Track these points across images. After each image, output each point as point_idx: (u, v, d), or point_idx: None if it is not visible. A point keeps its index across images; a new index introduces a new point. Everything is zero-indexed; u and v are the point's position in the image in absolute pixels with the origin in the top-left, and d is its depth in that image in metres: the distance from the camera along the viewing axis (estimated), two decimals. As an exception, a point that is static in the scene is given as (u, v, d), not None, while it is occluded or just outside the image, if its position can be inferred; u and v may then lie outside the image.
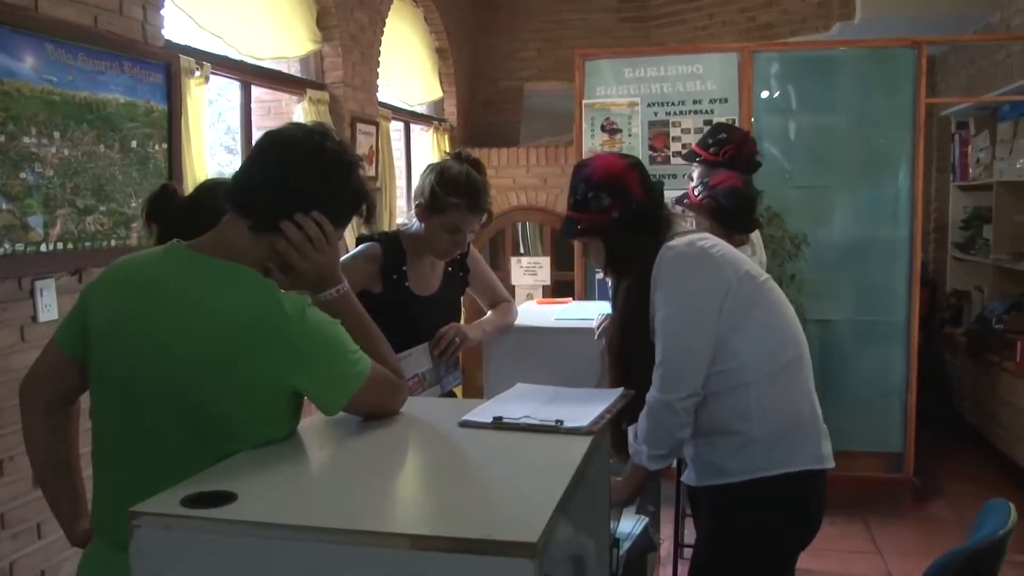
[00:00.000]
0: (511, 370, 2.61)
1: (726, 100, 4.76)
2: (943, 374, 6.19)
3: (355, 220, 1.59)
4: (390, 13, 5.40)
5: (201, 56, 3.54)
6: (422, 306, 2.49)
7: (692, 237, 2.01)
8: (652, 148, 4.86)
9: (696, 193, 2.86)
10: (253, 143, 4.16)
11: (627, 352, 2.06)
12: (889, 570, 3.77)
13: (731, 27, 6.52)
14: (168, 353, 1.40)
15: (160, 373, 1.40)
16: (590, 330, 2.70)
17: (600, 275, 2.20)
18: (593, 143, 4.87)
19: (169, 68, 3.13)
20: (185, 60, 3.36)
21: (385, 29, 5.33)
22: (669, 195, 2.10)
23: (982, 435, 5.38)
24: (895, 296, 4.70)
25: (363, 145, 4.96)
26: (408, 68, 6.04)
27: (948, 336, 6.20)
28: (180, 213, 1.86)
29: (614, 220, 2.03)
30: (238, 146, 3.98)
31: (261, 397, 1.42)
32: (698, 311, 1.93)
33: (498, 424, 1.55)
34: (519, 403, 1.69)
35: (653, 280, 1.97)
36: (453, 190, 2.36)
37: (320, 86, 4.61)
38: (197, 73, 3.46)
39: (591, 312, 2.98)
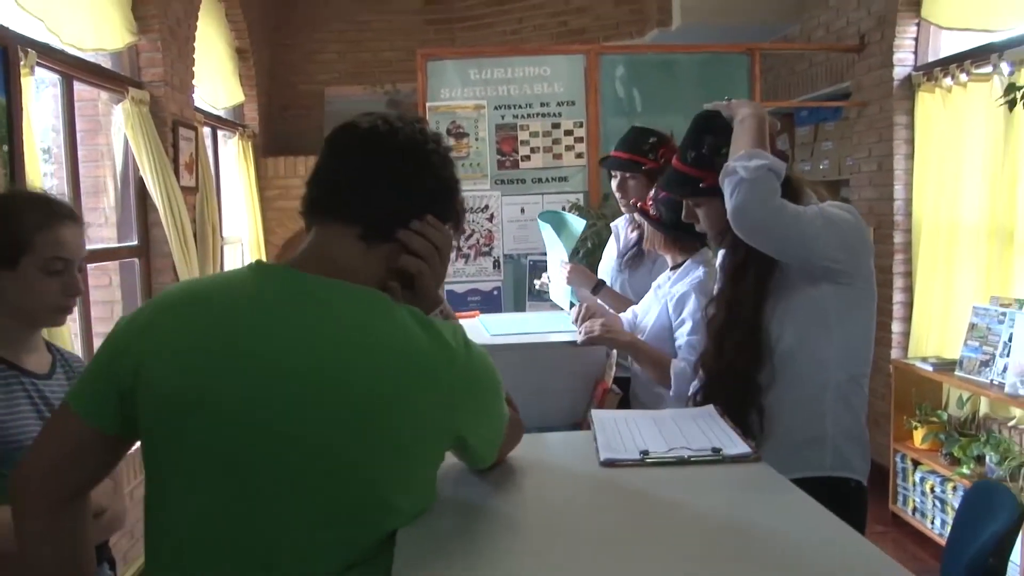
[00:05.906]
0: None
1: (573, 103, 4.70)
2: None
3: None
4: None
5: (25, 43, 2.92)
6: None
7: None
8: (500, 152, 4.70)
9: (651, 205, 2.43)
10: (74, 146, 3.44)
11: (725, 334, 1.82)
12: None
13: (542, 31, 6.50)
14: (314, 402, 1.03)
15: (293, 430, 1.02)
16: (534, 344, 2.50)
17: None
18: (440, 147, 4.62)
19: (6, 53, 2.54)
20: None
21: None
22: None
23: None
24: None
25: (184, 152, 4.39)
26: (213, 69, 5.46)
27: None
28: None
29: None
30: (60, 152, 3.33)
31: (427, 454, 1.10)
32: None
33: (652, 459, 1.32)
34: (629, 433, 1.46)
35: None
36: None
37: (141, 85, 4.00)
38: (22, 62, 2.84)
39: (520, 326, 2.78)
